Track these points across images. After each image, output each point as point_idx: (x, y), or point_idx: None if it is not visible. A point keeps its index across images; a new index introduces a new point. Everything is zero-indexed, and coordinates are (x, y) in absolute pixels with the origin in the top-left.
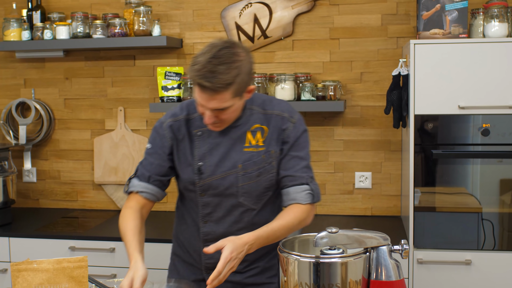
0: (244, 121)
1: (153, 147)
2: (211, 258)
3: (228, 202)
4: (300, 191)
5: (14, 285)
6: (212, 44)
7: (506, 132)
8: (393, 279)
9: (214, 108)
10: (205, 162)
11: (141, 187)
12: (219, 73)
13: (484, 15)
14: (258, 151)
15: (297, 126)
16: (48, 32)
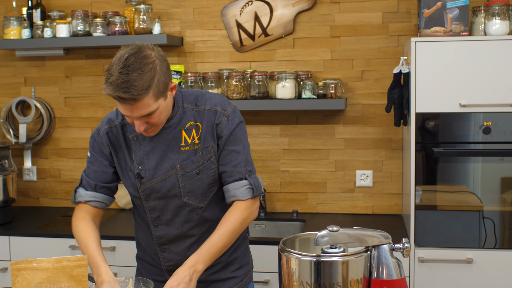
0: (176, 121)
1: (94, 155)
2: (170, 261)
3: (174, 203)
4: (239, 186)
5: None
6: (119, 54)
7: (508, 130)
8: (394, 278)
9: (139, 116)
10: (143, 166)
11: (89, 197)
12: (133, 81)
13: (485, 13)
14: (195, 148)
15: (230, 119)
16: (48, 30)
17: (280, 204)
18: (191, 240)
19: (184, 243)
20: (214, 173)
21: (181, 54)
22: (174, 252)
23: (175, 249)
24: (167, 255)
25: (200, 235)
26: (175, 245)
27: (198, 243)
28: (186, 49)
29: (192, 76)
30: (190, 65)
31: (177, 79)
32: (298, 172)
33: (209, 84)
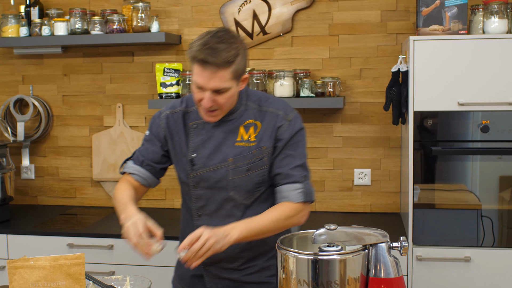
0: (238, 116)
1: (150, 133)
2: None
3: (220, 195)
4: (293, 189)
5: (11, 282)
6: (208, 30)
7: (506, 128)
8: (392, 276)
9: (214, 88)
10: (198, 153)
11: (134, 169)
12: (221, 50)
13: (483, 11)
14: (249, 146)
15: (292, 124)
16: (46, 28)
17: None
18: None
19: None
20: (264, 173)
21: (179, 52)
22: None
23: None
24: None
25: None
26: None
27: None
28: (184, 47)
29: (190, 75)
30: (188, 63)
31: (175, 77)
32: None
33: None
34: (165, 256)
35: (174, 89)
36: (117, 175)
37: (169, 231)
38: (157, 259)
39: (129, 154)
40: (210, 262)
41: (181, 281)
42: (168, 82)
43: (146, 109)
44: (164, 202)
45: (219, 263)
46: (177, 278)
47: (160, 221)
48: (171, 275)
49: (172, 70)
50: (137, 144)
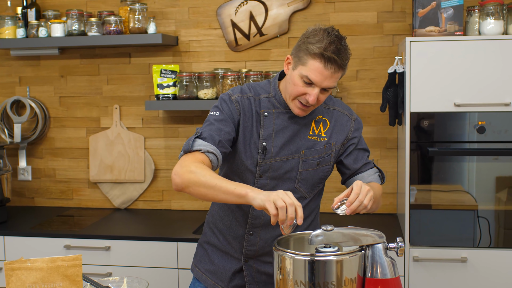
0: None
1: (222, 114)
2: (253, 245)
3: (284, 186)
4: (372, 173)
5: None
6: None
7: (502, 129)
8: (388, 277)
9: (327, 87)
10: (269, 143)
11: (210, 148)
12: (344, 52)
13: (479, 13)
14: (320, 140)
15: (358, 122)
16: (43, 30)
17: None
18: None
19: (275, 231)
20: (328, 169)
21: (176, 53)
22: (261, 237)
23: (263, 235)
24: (253, 239)
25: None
26: (265, 231)
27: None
28: (181, 49)
29: (187, 76)
30: (185, 64)
31: (172, 79)
32: None
33: (204, 84)
34: (163, 257)
35: (171, 91)
36: (114, 176)
37: (166, 232)
38: (155, 261)
39: (126, 155)
40: (253, 254)
41: (213, 275)
42: (165, 83)
43: (143, 110)
44: (161, 204)
45: (261, 257)
46: (207, 273)
47: (157, 222)
48: (167, 276)
49: (169, 72)
50: (134, 145)
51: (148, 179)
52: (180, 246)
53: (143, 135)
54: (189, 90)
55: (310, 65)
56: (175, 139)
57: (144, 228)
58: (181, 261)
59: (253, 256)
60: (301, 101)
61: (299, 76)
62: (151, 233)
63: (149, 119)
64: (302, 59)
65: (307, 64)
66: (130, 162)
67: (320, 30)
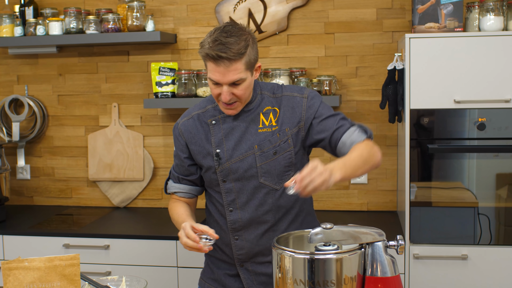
0: (255, 105)
1: (175, 149)
2: (241, 249)
3: (250, 184)
4: (352, 132)
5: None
6: (215, 27)
7: (502, 126)
8: (388, 275)
9: (230, 82)
10: (221, 148)
11: (175, 188)
12: (231, 44)
13: (479, 9)
14: (272, 130)
15: (310, 98)
16: (41, 28)
17: None
18: (264, 226)
19: (257, 230)
20: (290, 156)
21: (175, 51)
22: (247, 239)
23: (247, 236)
24: (239, 243)
25: (274, 222)
26: (248, 232)
27: (271, 232)
28: (179, 46)
29: (186, 73)
30: (184, 62)
31: (171, 76)
32: None
33: (203, 81)
34: (162, 256)
35: (169, 88)
36: (113, 174)
37: (166, 231)
38: (154, 259)
39: (125, 154)
40: (245, 257)
41: (214, 282)
42: (164, 81)
43: (141, 108)
44: (160, 202)
45: (255, 258)
46: (209, 280)
47: (156, 221)
48: (166, 275)
49: (168, 69)
50: (133, 143)
51: (147, 178)
52: (179, 245)
53: (142, 133)
54: (188, 88)
55: (208, 66)
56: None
57: (143, 226)
58: (180, 260)
59: (246, 259)
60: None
61: (209, 79)
62: (150, 232)
63: (148, 117)
64: (205, 63)
65: (207, 66)
66: (129, 161)
67: (210, 32)
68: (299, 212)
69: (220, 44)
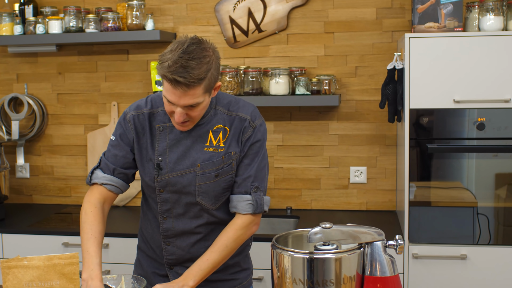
0: (207, 120)
1: (117, 139)
2: (172, 255)
3: (186, 199)
4: (242, 200)
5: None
6: (178, 41)
7: (502, 126)
8: (387, 275)
9: (185, 105)
10: (164, 158)
11: (106, 179)
12: (191, 68)
13: (479, 9)
14: (219, 151)
15: (255, 132)
16: (41, 27)
17: (274, 200)
18: (196, 237)
19: (190, 239)
20: (231, 179)
21: None
22: (178, 246)
23: (179, 244)
24: (171, 249)
25: (207, 233)
26: (180, 240)
27: (203, 241)
28: None
29: None
30: None
31: None
32: (292, 168)
33: None
34: None
35: None
36: None
37: None
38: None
39: None
40: (175, 262)
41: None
42: None
43: None
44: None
45: (185, 263)
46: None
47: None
48: None
49: None
50: None
51: None
52: None
53: None
54: None
55: (164, 85)
56: None
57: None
58: None
59: (176, 263)
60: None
61: (163, 95)
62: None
63: None
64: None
65: (163, 84)
66: None
67: (174, 44)
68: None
69: (181, 67)
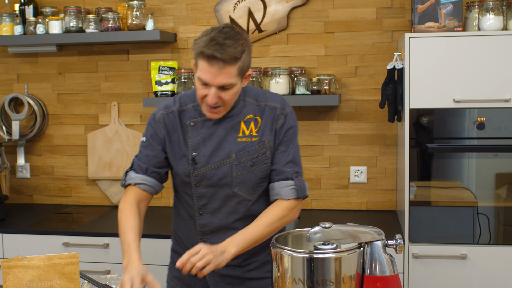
0: (237, 112)
1: (148, 139)
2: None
3: (223, 192)
4: (285, 186)
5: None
6: (212, 27)
7: (502, 125)
8: (387, 274)
9: (220, 85)
10: (199, 152)
11: (139, 179)
12: (227, 46)
13: (479, 8)
14: (252, 141)
15: (287, 119)
16: (41, 27)
17: None
18: (233, 232)
19: (226, 235)
20: (267, 168)
21: (175, 50)
22: (214, 243)
23: (216, 240)
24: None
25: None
26: (217, 236)
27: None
28: (179, 45)
29: (186, 73)
30: (184, 61)
31: (171, 75)
32: None
33: None
34: (160, 255)
35: (169, 87)
36: (113, 173)
37: (165, 230)
38: (152, 258)
39: (125, 152)
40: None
41: (179, 281)
42: (163, 80)
43: (141, 107)
44: (160, 201)
45: None
46: (175, 279)
47: (156, 220)
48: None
49: (167, 68)
50: (133, 142)
51: None
52: None
53: (141, 132)
54: (188, 87)
55: (199, 65)
56: None
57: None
58: None
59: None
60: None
61: (197, 79)
62: (150, 231)
63: (147, 116)
64: (196, 61)
65: (198, 65)
66: (129, 159)
67: (209, 29)
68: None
69: (217, 44)
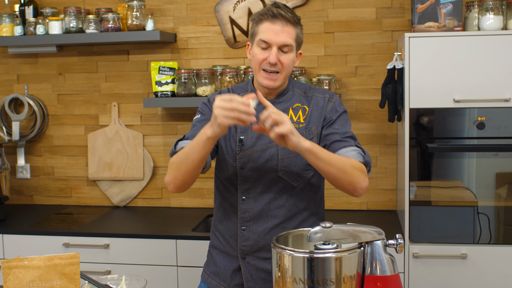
0: (287, 98)
1: (203, 115)
2: (247, 240)
3: (267, 176)
4: (350, 150)
5: (5, 282)
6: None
7: (502, 125)
8: (387, 274)
9: (281, 43)
10: (246, 135)
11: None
12: (288, 11)
13: (479, 8)
14: (299, 127)
15: (337, 104)
16: (41, 27)
17: None
18: (273, 221)
19: (266, 223)
20: None
21: (175, 50)
22: (254, 231)
23: (255, 228)
24: (246, 234)
25: (285, 219)
26: (257, 224)
27: (279, 228)
28: (179, 46)
29: (186, 73)
30: (184, 61)
31: (171, 76)
32: None
33: (202, 81)
34: (162, 255)
35: (169, 88)
36: (113, 174)
37: (165, 230)
38: (154, 258)
39: (125, 153)
40: (249, 250)
41: (216, 277)
42: (164, 80)
43: (141, 107)
44: (160, 201)
45: (258, 252)
46: (212, 275)
47: (156, 220)
48: (166, 274)
49: (168, 69)
50: (133, 142)
51: (147, 177)
52: (179, 244)
53: (141, 132)
54: (188, 87)
55: (260, 29)
56: (173, 136)
57: (143, 225)
58: (180, 259)
59: (249, 252)
60: (265, 69)
61: (257, 46)
62: (150, 231)
63: (147, 117)
64: (254, 32)
65: (258, 32)
66: (129, 160)
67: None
68: (311, 215)
69: (278, 6)
